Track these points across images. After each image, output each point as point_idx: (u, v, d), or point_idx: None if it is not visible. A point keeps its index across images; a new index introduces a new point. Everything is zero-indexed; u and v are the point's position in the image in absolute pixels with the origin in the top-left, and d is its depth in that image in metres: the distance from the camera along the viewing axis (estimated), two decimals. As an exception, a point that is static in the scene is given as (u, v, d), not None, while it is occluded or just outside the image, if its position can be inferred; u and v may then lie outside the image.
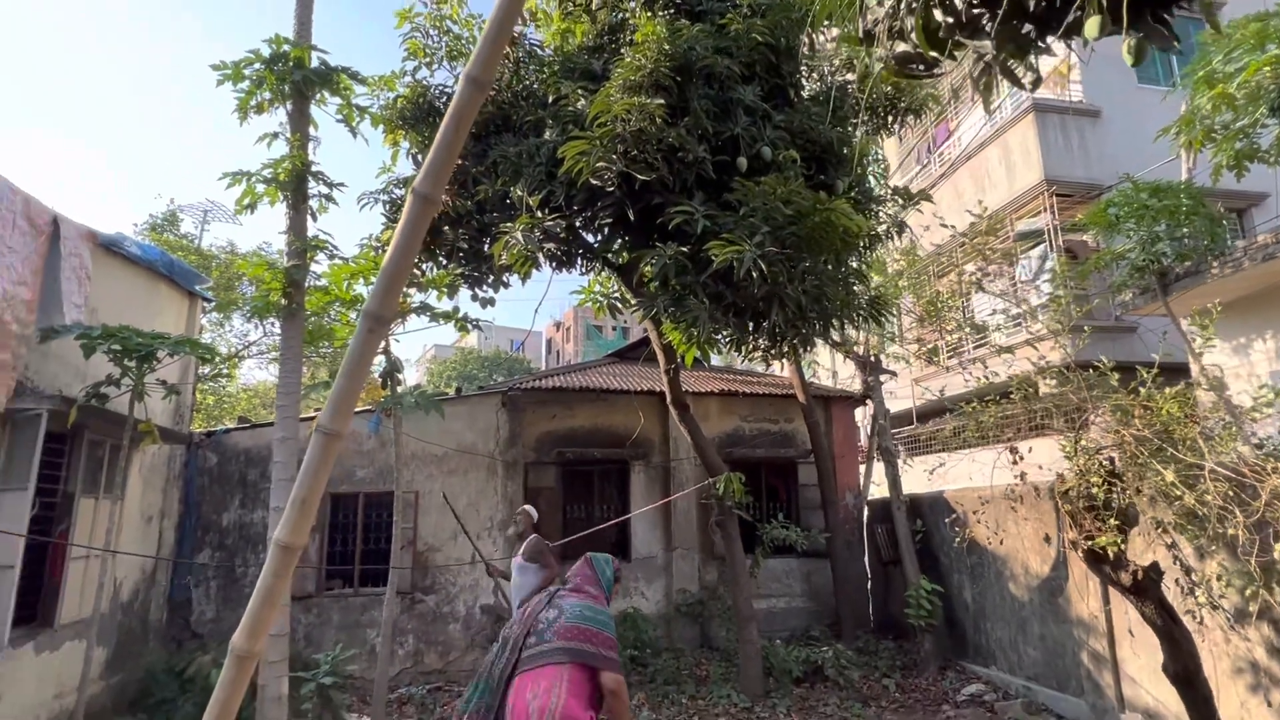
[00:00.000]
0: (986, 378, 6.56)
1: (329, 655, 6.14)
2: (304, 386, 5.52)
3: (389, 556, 6.58)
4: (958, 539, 6.60)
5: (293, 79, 4.99)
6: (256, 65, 5.01)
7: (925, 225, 9.74)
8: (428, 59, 6.97)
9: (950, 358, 11.18)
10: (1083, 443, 4.23)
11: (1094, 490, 3.74)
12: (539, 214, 6.12)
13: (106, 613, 6.30)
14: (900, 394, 12.23)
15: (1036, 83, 2.85)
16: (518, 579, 6.23)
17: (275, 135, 5.10)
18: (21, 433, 5.05)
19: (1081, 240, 10.22)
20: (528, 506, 7.04)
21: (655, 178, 5.60)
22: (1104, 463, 3.91)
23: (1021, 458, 4.76)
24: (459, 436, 8.66)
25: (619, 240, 6.79)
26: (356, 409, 7.37)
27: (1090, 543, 3.81)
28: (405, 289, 6.64)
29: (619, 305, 7.72)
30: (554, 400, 9.44)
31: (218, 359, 11.41)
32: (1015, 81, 2.56)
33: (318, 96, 5.30)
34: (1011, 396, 5.18)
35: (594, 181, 5.65)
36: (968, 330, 10.08)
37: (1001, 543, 7.15)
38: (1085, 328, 6.88)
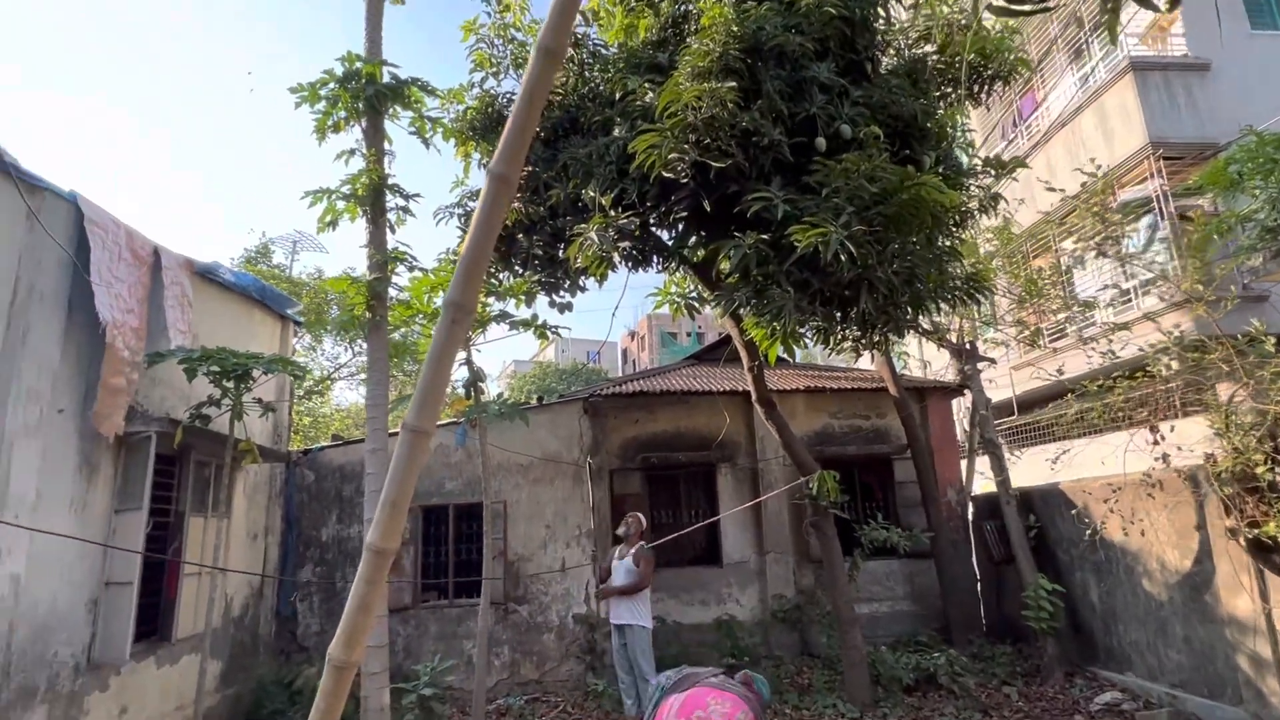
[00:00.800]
0: (1112, 352, 5.99)
1: (428, 666, 6.16)
2: (390, 401, 5.57)
3: (481, 567, 6.58)
4: (1088, 532, 6.03)
5: (365, 95, 5.05)
6: (331, 85, 5.10)
7: (1019, 199, 9.13)
8: (494, 69, 7.00)
9: (1055, 339, 10.44)
10: (1234, 419, 3.74)
11: (1257, 470, 3.28)
12: (612, 213, 6.00)
13: (219, 627, 6.53)
14: (1000, 382, 11.51)
15: (1175, 2, 2.51)
16: (621, 581, 6.55)
17: (352, 152, 5.17)
18: (134, 455, 5.28)
19: (1197, 205, 9.37)
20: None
21: (730, 165, 5.39)
22: (1266, 439, 3.43)
23: (1162, 437, 4.27)
24: (543, 445, 8.64)
25: (695, 235, 6.60)
26: (442, 422, 7.46)
27: (1255, 530, 3.34)
28: (483, 299, 6.66)
29: (696, 305, 7.53)
30: (635, 405, 9.31)
31: (309, 376, 11.84)
32: (1148, 3, 2.25)
33: (390, 111, 5.36)
34: (1145, 373, 4.68)
35: (666, 174, 5.50)
36: (1076, 308, 9.36)
37: (1130, 534, 6.52)
38: (1229, 293, 6.19)
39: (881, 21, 6.90)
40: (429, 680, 5.83)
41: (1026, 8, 2.43)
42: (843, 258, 4.94)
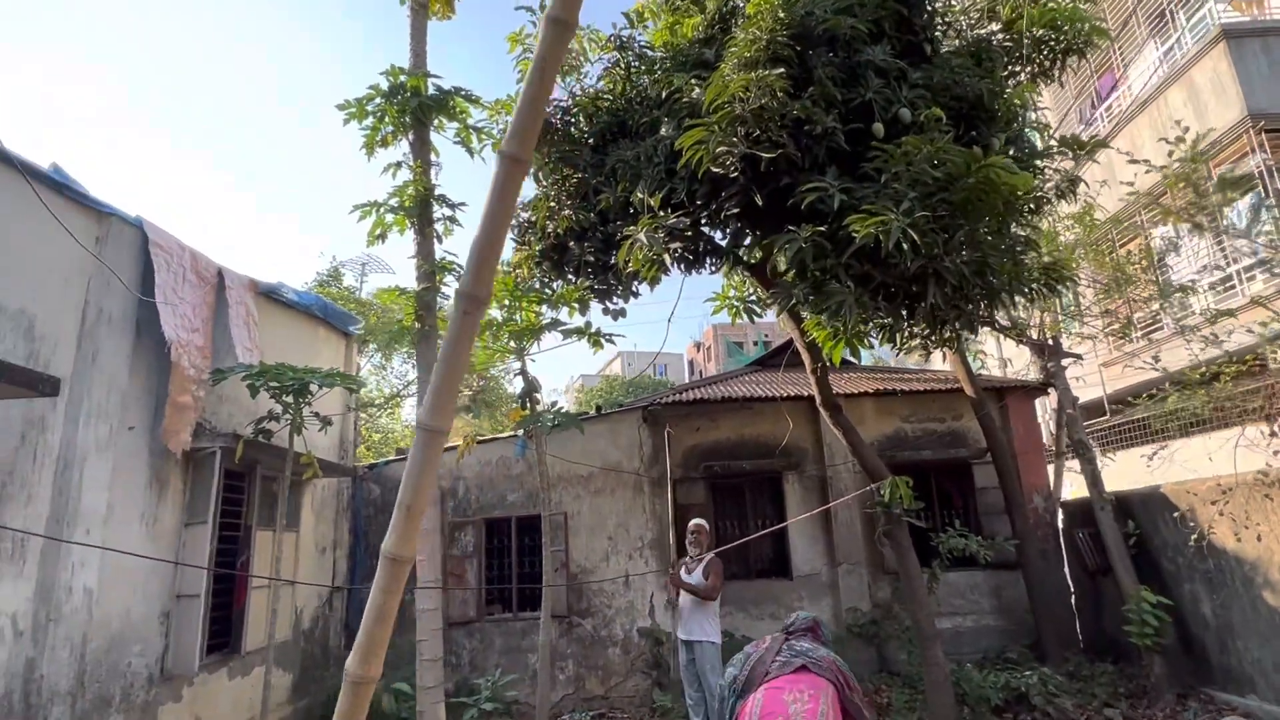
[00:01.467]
0: (1215, 337, 5.43)
1: (489, 680, 6.09)
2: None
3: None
4: (1194, 539, 5.46)
5: (410, 107, 5.08)
6: (377, 100, 5.16)
7: (1100, 181, 8.53)
8: (540, 77, 6.98)
9: (1149, 330, 9.69)
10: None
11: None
12: (661, 214, 5.85)
13: (290, 640, 6.65)
14: (1090, 380, 10.76)
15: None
16: (692, 599, 6.33)
17: (399, 165, 5.21)
18: (201, 471, 5.42)
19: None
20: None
21: (781, 156, 5.16)
22: None
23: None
24: (603, 455, 8.53)
25: (748, 232, 6.38)
26: (503, 434, 7.41)
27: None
28: (536, 308, 6.61)
29: (756, 308, 7.29)
30: (696, 413, 9.10)
31: (380, 395, 12.12)
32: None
33: (436, 122, 5.38)
34: (1258, 362, 4.19)
35: (715, 169, 5.31)
36: (1172, 295, 8.64)
37: (1244, 540, 5.88)
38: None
39: (941, 1, 6.57)
40: (490, 695, 5.76)
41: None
42: (905, 247, 4.65)
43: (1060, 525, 8.79)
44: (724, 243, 6.69)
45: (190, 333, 5.40)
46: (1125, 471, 9.12)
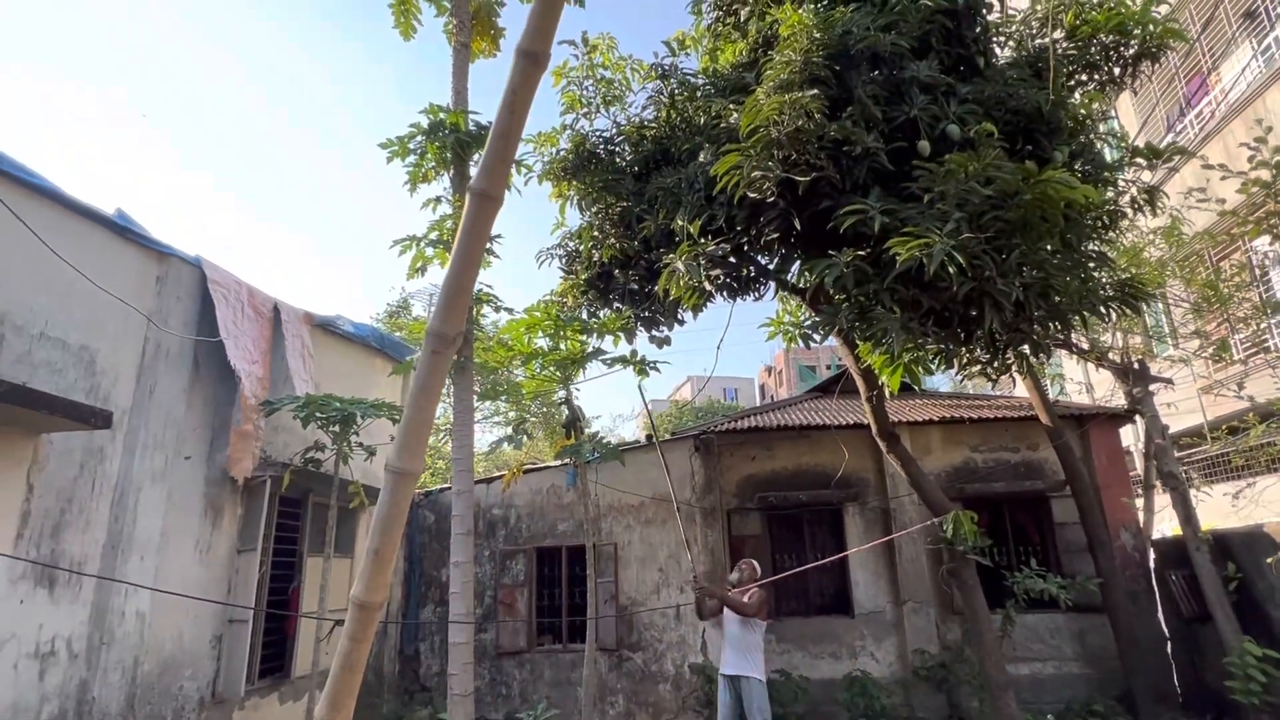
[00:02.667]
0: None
1: (531, 714, 6.00)
2: (490, 444, 5.60)
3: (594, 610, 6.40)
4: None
5: (450, 143, 5.19)
6: (419, 138, 5.30)
7: (1187, 190, 7.91)
8: (584, 109, 7.05)
9: (1251, 353, 8.87)
10: None
11: None
12: (701, 240, 5.76)
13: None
14: (1184, 407, 9.92)
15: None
16: (737, 631, 5.97)
17: (438, 199, 5.32)
18: (254, 498, 5.61)
19: None
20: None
21: (820, 178, 5.00)
22: None
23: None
24: (654, 484, 8.39)
25: (792, 257, 6.21)
26: (552, 463, 7.33)
27: None
28: (579, 337, 6.60)
29: (811, 334, 7.07)
30: (751, 441, 8.87)
31: (444, 423, 12.36)
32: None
33: (475, 158, 5.48)
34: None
35: (752, 195, 5.19)
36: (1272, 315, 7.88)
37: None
38: None
39: (996, 12, 6.28)
40: (531, 730, 5.66)
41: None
42: (951, 270, 4.39)
43: (1151, 566, 8.07)
44: (770, 267, 6.54)
45: (250, 364, 5.63)
46: (1220, 507, 8.32)
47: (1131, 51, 6.13)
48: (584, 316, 6.98)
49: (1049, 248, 5.17)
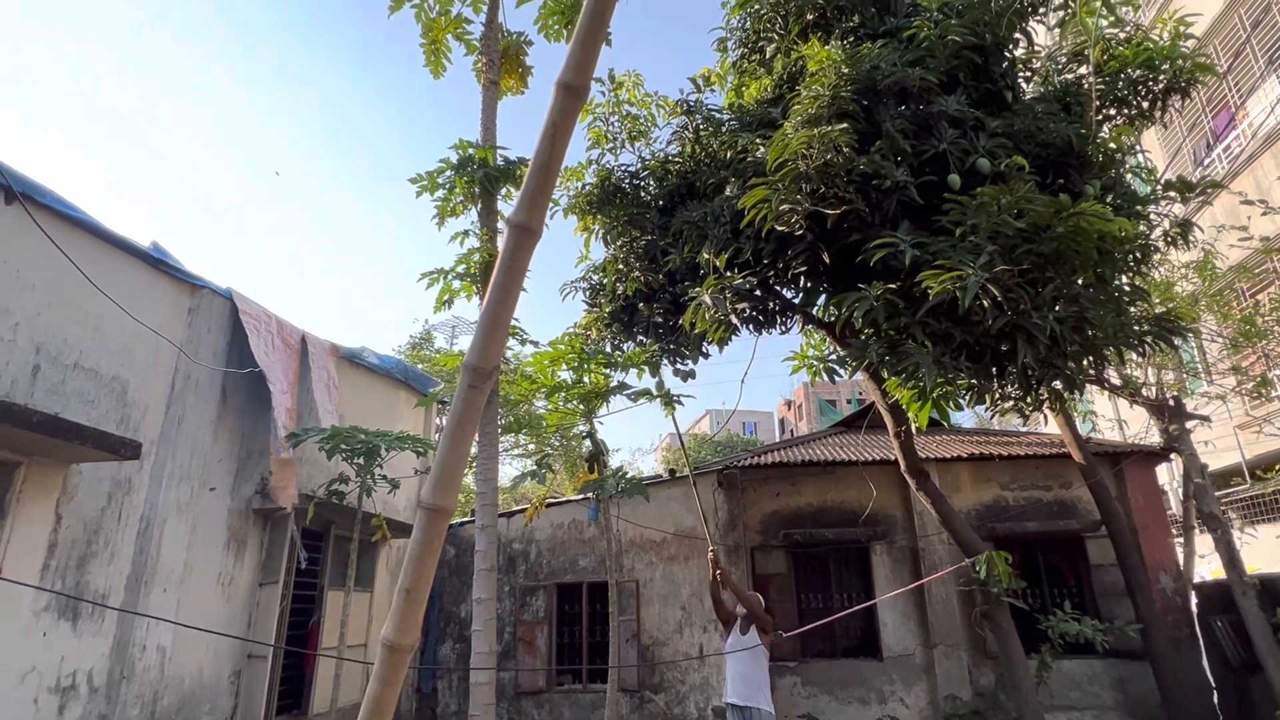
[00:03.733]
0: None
1: (552, 758, 5.83)
2: (514, 477, 5.58)
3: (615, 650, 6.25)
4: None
5: (478, 178, 5.23)
6: (448, 173, 5.36)
7: (1220, 225, 7.80)
8: (610, 144, 7.12)
9: (1289, 391, 8.63)
10: None
11: None
12: (727, 274, 5.74)
13: (358, 702, 6.64)
14: (1222, 444, 9.65)
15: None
16: (744, 659, 5.52)
17: (466, 233, 5.35)
18: (277, 531, 5.58)
19: None
20: (757, 594, 6.33)
21: (849, 211, 4.98)
22: None
23: None
24: (677, 520, 8.27)
25: (821, 290, 6.16)
26: (573, 497, 7.25)
27: None
28: (604, 369, 6.57)
29: (836, 368, 6.98)
30: (776, 477, 8.73)
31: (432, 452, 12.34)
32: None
33: (504, 192, 5.53)
34: None
35: (780, 228, 5.17)
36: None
37: None
38: None
39: (1022, 48, 6.29)
40: (550, 775, 5.49)
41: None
42: (985, 304, 4.33)
43: (1194, 610, 7.77)
44: (795, 301, 6.49)
45: (281, 394, 5.65)
46: (1261, 549, 8.03)
47: (1160, 86, 6.10)
48: (608, 349, 6.96)
49: (1081, 281, 5.10)
